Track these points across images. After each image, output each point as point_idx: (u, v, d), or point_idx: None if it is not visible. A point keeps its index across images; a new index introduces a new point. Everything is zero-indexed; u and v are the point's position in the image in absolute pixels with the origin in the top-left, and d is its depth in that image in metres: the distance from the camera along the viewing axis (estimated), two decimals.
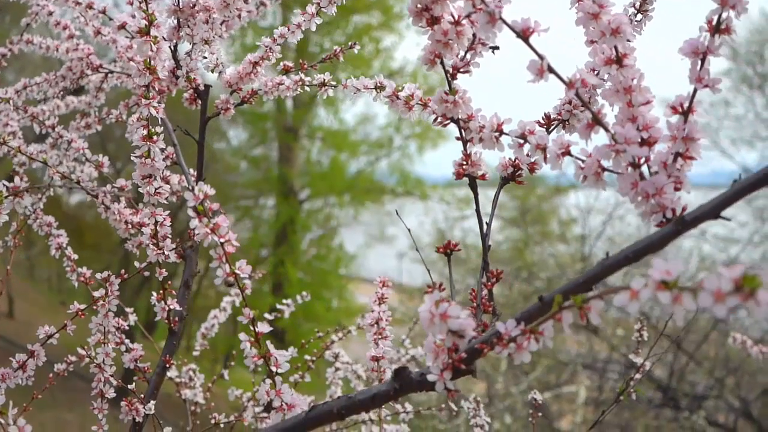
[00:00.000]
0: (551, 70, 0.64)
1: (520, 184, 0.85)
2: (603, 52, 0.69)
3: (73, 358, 1.14)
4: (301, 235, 10.31)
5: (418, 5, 0.72)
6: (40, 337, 1.06)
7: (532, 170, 0.83)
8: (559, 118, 0.85)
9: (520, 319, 0.60)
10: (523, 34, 0.64)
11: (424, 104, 0.95)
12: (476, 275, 0.82)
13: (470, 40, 0.77)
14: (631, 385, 1.31)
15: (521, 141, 0.78)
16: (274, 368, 0.75)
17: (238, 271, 0.71)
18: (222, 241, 0.69)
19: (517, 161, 0.84)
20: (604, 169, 0.69)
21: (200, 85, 1.20)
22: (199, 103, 1.21)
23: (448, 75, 0.80)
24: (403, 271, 10.48)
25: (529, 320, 0.60)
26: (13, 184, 1.09)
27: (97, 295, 1.05)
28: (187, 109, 1.23)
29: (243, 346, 0.75)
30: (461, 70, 0.80)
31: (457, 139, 0.82)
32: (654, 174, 0.66)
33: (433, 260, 5.46)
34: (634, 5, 0.86)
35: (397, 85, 0.99)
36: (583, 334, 6.65)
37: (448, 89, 0.80)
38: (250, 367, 0.95)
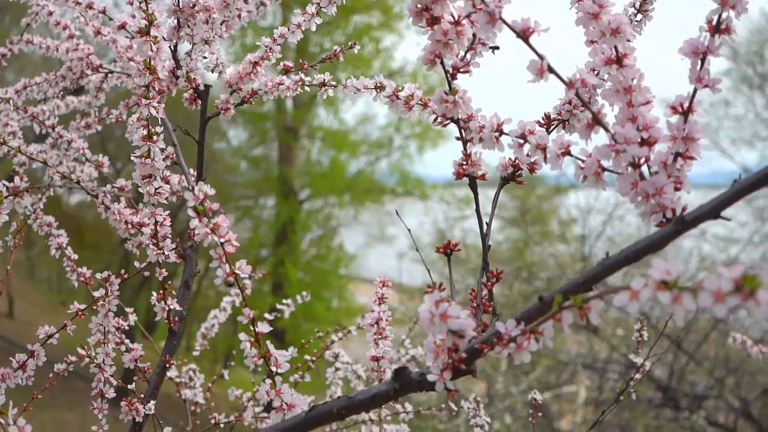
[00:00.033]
0: (551, 70, 0.64)
1: (520, 184, 0.86)
2: (603, 52, 0.69)
3: (73, 358, 1.14)
4: (301, 235, 10.31)
5: (418, 5, 0.72)
6: (40, 337, 1.06)
7: (532, 170, 0.83)
8: (559, 118, 0.85)
9: (520, 319, 0.60)
10: (523, 34, 0.64)
11: (424, 104, 0.95)
12: (476, 275, 0.82)
13: (470, 40, 0.77)
14: (631, 385, 1.31)
15: (521, 141, 0.78)
16: (274, 368, 0.75)
17: (238, 271, 0.71)
18: (222, 241, 0.69)
19: (517, 161, 0.84)
20: (604, 169, 0.69)
21: (200, 85, 1.20)
22: (199, 103, 1.21)
23: (448, 75, 0.80)
24: (403, 271, 10.49)
25: (529, 320, 0.60)
26: (13, 184, 1.09)
27: (97, 295, 1.05)
28: (187, 109, 1.23)
29: (243, 346, 0.75)
30: (461, 70, 0.80)
31: (457, 139, 0.82)
32: (654, 174, 0.66)
33: (433, 260, 5.46)
34: (634, 5, 0.86)
35: (397, 85, 0.99)
36: (583, 334, 6.65)
37: (448, 89, 0.80)
38: (250, 367, 0.95)
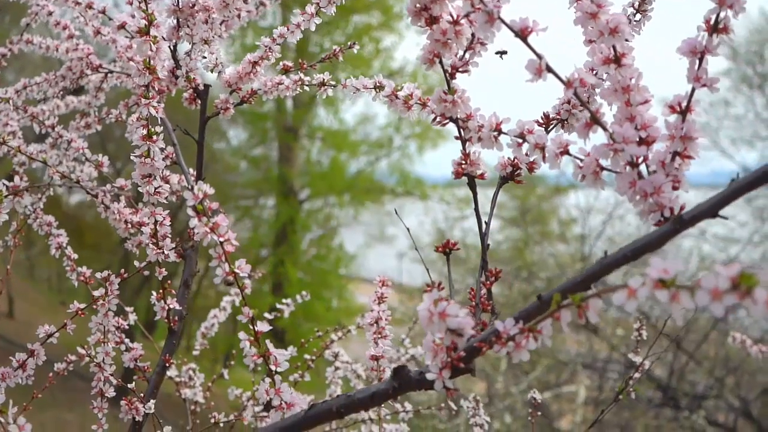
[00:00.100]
0: (549, 69, 0.65)
1: (519, 183, 0.86)
2: (601, 52, 0.69)
3: (73, 358, 1.14)
4: (301, 235, 10.31)
5: (417, 5, 0.72)
6: (40, 336, 1.06)
7: (530, 169, 0.83)
8: (558, 117, 0.85)
9: (519, 318, 0.60)
10: (522, 34, 0.65)
11: (423, 104, 0.95)
12: (476, 275, 0.82)
13: (469, 40, 0.77)
14: (630, 384, 1.32)
15: (520, 140, 0.78)
16: (273, 367, 0.75)
17: (237, 270, 0.71)
18: (221, 240, 0.70)
19: (516, 160, 0.84)
20: (603, 168, 0.70)
21: (200, 85, 1.20)
22: (199, 102, 1.21)
23: (447, 74, 0.80)
24: (403, 271, 10.49)
25: (527, 319, 0.60)
26: (13, 183, 1.09)
27: (97, 294, 1.05)
28: (187, 109, 1.23)
29: (242, 345, 0.75)
30: (460, 70, 0.80)
31: (456, 139, 0.83)
32: (652, 173, 0.66)
33: (433, 260, 5.46)
34: (632, 5, 0.86)
35: (396, 85, 0.99)
36: (583, 334, 6.65)
37: (447, 89, 0.80)
38: (250, 367, 0.96)
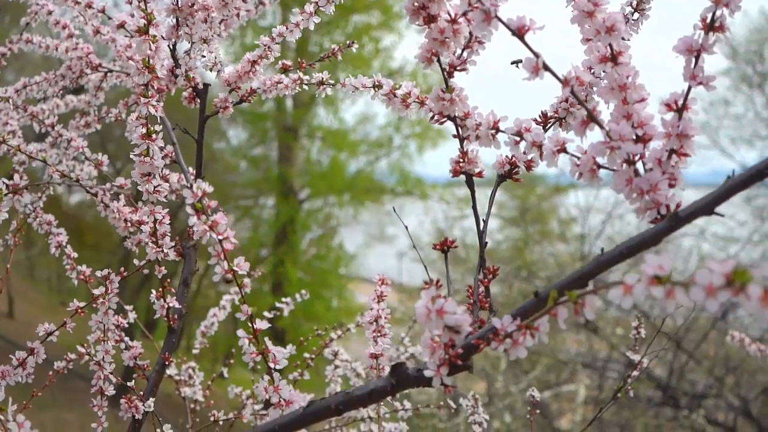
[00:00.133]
0: (546, 67, 0.65)
1: (517, 181, 0.86)
2: (598, 50, 0.69)
3: (73, 356, 1.14)
4: (301, 235, 10.31)
5: (415, 3, 0.72)
6: (40, 335, 1.06)
7: (528, 168, 0.84)
8: (556, 116, 0.85)
9: (516, 315, 0.61)
10: (519, 32, 0.65)
11: (421, 102, 0.96)
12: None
13: (467, 39, 0.77)
14: (629, 383, 1.32)
15: (517, 138, 0.78)
16: (272, 364, 0.76)
17: (236, 268, 0.72)
18: (220, 238, 0.70)
19: (514, 159, 0.84)
20: (600, 166, 0.70)
21: (199, 84, 1.20)
22: (198, 101, 1.21)
23: (445, 73, 0.80)
24: (403, 270, 10.51)
25: (524, 316, 0.60)
26: (13, 182, 1.10)
27: (97, 292, 1.05)
28: (186, 108, 1.23)
29: (241, 343, 0.76)
30: (458, 68, 0.80)
31: (454, 137, 0.83)
32: (648, 170, 0.67)
33: (433, 260, 5.46)
34: (631, 4, 0.86)
35: (395, 84, 1.00)
36: (583, 334, 6.65)
37: (445, 87, 0.80)
38: (249, 365, 0.96)
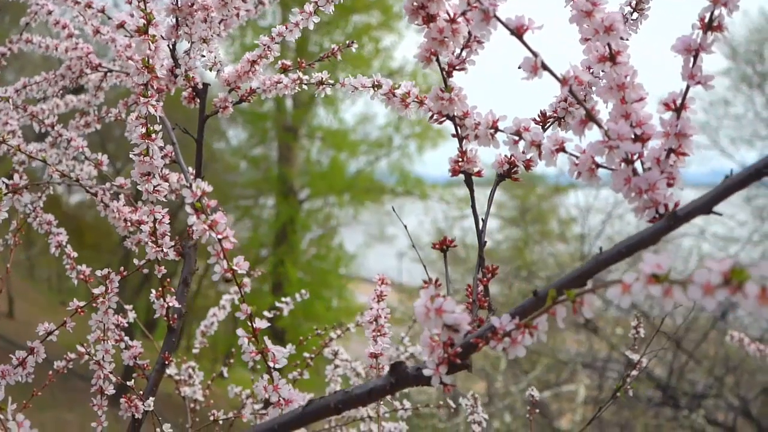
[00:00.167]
0: (545, 67, 0.65)
1: (516, 181, 0.86)
2: (597, 50, 0.70)
3: (73, 356, 1.14)
4: (301, 235, 10.31)
5: (414, 3, 0.72)
6: (40, 334, 1.06)
7: (527, 167, 0.84)
8: (555, 115, 0.85)
9: (515, 314, 0.61)
10: (517, 32, 0.65)
11: (420, 102, 0.96)
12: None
13: (466, 38, 0.77)
14: (628, 382, 1.32)
15: (516, 138, 0.78)
16: (271, 363, 0.76)
17: (235, 267, 0.72)
18: (219, 237, 0.70)
19: (513, 158, 0.84)
20: (598, 165, 0.70)
21: (199, 84, 1.20)
22: (198, 101, 1.21)
23: (444, 72, 0.80)
24: (403, 270, 10.51)
25: (523, 315, 0.61)
26: (13, 182, 1.10)
27: (97, 292, 1.05)
28: (186, 108, 1.23)
29: (240, 342, 0.76)
30: (457, 68, 0.80)
31: (453, 136, 0.83)
32: (647, 170, 0.67)
33: (433, 260, 5.47)
34: (630, 4, 0.86)
35: (394, 83, 1.00)
36: (583, 334, 6.65)
37: (444, 86, 0.80)
38: (249, 364, 0.96)
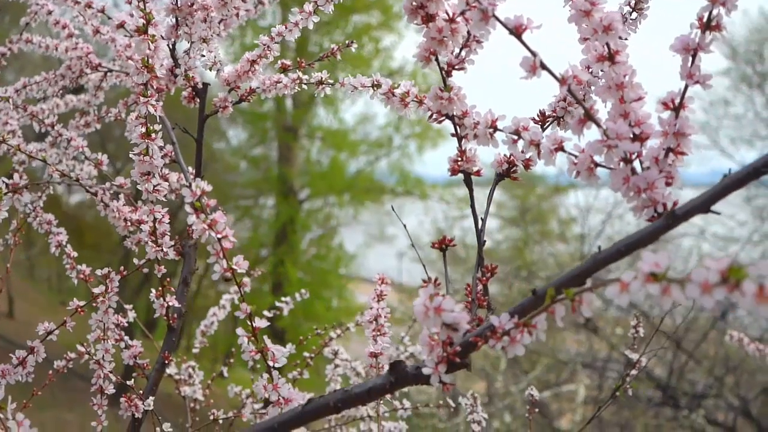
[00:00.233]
0: (544, 66, 0.65)
1: (515, 180, 0.86)
2: (595, 49, 0.70)
3: (73, 355, 1.14)
4: (301, 235, 10.31)
5: (413, 3, 0.72)
6: (40, 334, 1.06)
7: (526, 166, 0.84)
8: (554, 114, 0.86)
9: (514, 313, 0.61)
10: (516, 31, 0.65)
11: (420, 101, 0.96)
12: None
13: (465, 38, 0.78)
14: (628, 382, 1.32)
15: (515, 137, 0.78)
16: (271, 363, 0.76)
17: (235, 267, 0.72)
18: (219, 236, 0.70)
19: (512, 157, 0.85)
20: (597, 165, 0.70)
21: (198, 84, 1.20)
22: (198, 101, 1.21)
23: (443, 72, 0.80)
24: (403, 270, 10.51)
25: (522, 314, 0.61)
26: (13, 181, 1.10)
27: (97, 291, 1.05)
28: (186, 108, 1.24)
29: (240, 341, 0.76)
30: (456, 67, 0.80)
31: (452, 136, 0.83)
32: (645, 169, 0.67)
33: (433, 260, 5.46)
34: (629, 3, 0.86)
35: (393, 83, 1.00)
36: (583, 334, 6.66)
37: (443, 86, 0.81)
38: (249, 364, 0.96)
